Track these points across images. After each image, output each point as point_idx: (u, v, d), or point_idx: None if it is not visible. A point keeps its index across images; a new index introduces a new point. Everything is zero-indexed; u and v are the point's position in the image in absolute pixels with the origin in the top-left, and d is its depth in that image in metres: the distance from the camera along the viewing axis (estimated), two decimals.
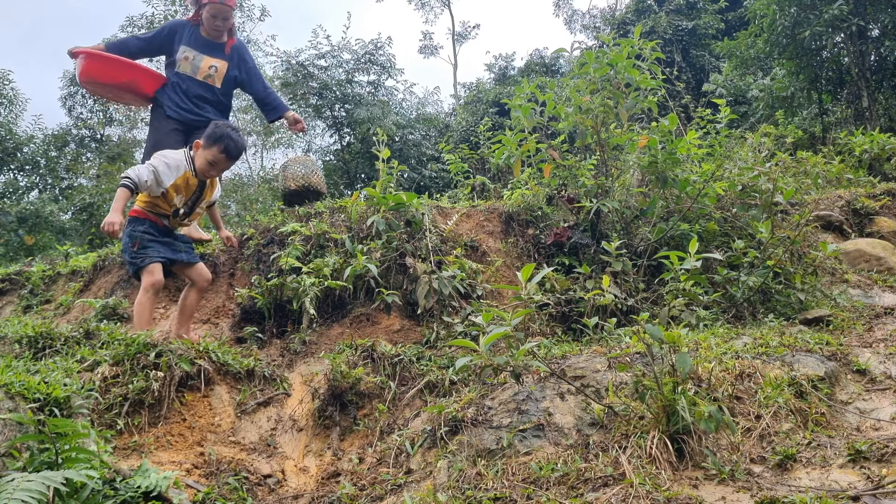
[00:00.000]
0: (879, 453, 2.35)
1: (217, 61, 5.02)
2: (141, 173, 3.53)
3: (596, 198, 4.95)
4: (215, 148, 3.60)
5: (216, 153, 3.63)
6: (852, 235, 6.12)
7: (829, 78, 12.89)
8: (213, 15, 4.85)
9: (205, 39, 4.98)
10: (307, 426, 3.32)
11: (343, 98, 16.28)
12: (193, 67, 4.95)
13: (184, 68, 4.94)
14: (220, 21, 4.90)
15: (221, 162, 3.68)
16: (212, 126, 3.72)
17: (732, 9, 18.05)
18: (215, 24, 4.90)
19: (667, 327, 2.93)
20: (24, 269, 6.07)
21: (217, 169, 3.73)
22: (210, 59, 4.99)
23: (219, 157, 3.64)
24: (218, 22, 4.89)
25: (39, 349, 3.46)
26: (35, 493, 1.67)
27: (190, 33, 4.97)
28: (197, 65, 4.96)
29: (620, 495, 2.14)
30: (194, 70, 4.96)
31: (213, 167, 3.69)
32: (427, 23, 51.64)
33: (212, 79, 5.00)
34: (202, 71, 4.97)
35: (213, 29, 4.93)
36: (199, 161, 3.67)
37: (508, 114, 6.36)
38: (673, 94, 12.53)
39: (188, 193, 3.73)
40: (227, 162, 3.69)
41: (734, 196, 5.19)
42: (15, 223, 15.55)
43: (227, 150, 3.62)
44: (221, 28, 4.96)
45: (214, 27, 4.91)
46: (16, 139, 19.39)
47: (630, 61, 4.83)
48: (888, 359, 3.35)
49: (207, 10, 4.85)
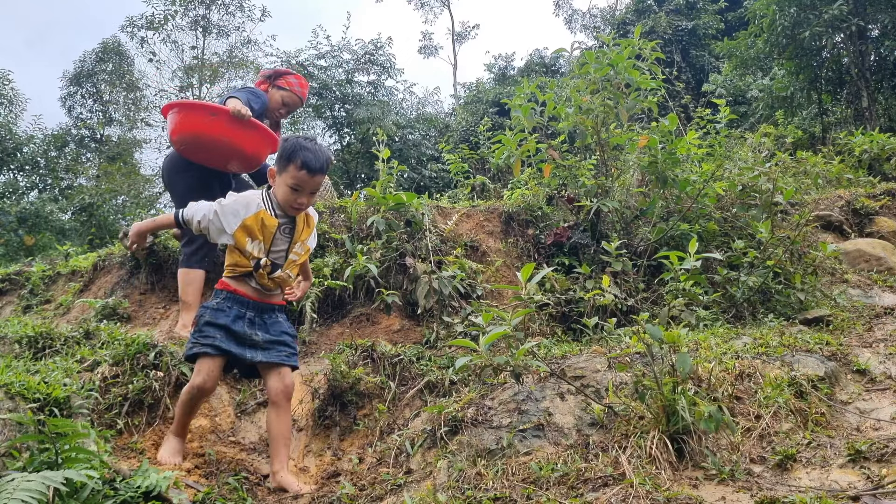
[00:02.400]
0: (879, 453, 2.35)
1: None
2: (197, 210, 2.76)
3: (596, 198, 4.95)
4: (292, 167, 2.68)
5: (295, 173, 2.68)
6: (852, 235, 6.12)
7: (829, 78, 12.90)
8: (285, 103, 4.46)
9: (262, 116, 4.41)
10: (307, 426, 3.32)
11: (343, 98, 16.29)
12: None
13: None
14: (285, 112, 4.53)
15: (305, 182, 2.70)
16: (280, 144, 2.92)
17: (732, 9, 18.06)
18: (280, 111, 4.49)
19: (667, 327, 2.93)
20: (24, 269, 6.07)
21: (304, 195, 2.73)
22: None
23: (300, 177, 2.68)
24: (283, 111, 4.50)
25: (39, 349, 3.46)
26: (35, 493, 1.67)
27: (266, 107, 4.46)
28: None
29: (620, 495, 2.14)
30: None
31: (299, 193, 2.72)
32: (427, 23, 51.71)
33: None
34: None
35: (274, 112, 4.48)
36: (279, 192, 2.75)
37: (508, 114, 6.37)
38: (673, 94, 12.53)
39: (267, 238, 2.74)
40: (311, 180, 2.71)
41: (734, 196, 5.19)
42: (15, 223, 15.55)
43: (307, 163, 2.68)
44: (280, 119, 4.57)
45: (278, 113, 4.50)
46: (16, 139, 19.41)
47: (630, 61, 4.83)
48: (888, 359, 3.35)
49: (282, 96, 4.45)
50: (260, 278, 2.74)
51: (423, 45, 34.04)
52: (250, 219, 2.71)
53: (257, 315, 2.78)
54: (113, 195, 17.13)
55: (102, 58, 24.61)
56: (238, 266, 2.75)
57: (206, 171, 4.19)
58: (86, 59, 24.65)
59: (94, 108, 24.68)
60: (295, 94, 4.47)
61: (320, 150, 2.73)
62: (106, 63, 24.68)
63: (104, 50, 24.59)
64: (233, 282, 2.77)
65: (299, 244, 2.83)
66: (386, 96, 17.66)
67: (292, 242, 2.81)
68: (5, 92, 20.69)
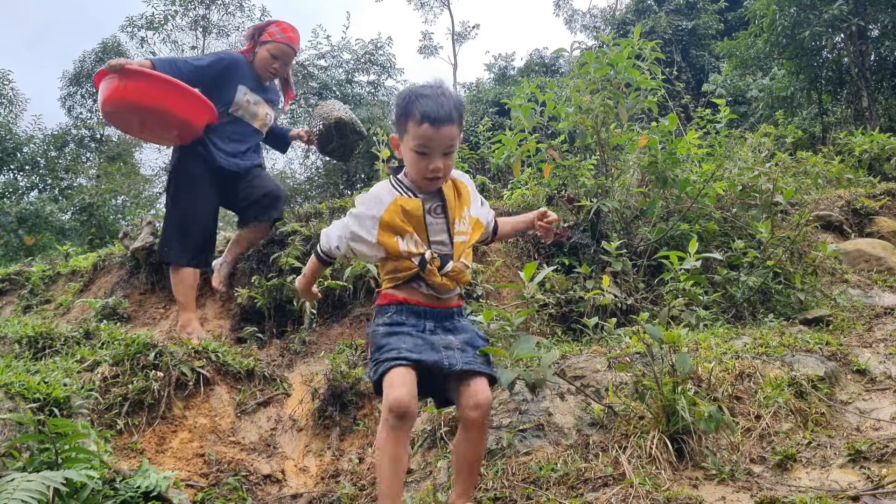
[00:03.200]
0: (879, 453, 2.35)
1: (271, 109, 4.31)
2: (330, 235, 2.24)
3: (596, 198, 4.95)
4: (410, 124, 2.03)
5: (415, 130, 2.02)
6: (852, 235, 6.12)
7: (829, 78, 12.90)
8: (273, 55, 4.10)
9: (258, 79, 4.20)
10: (307, 426, 3.32)
11: (343, 98, 16.30)
12: (252, 113, 4.17)
13: (242, 112, 4.12)
14: (280, 65, 4.16)
15: (431, 139, 2.02)
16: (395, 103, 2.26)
17: (732, 9, 18.06)
18: (272, 67, 4.14)
19: (667, 327, 2.93)
20: (24, 269, 6.07)
21: (435, 157, 2.04)
22: (266, 105, 4.25)
23: (423, 133, 2.01)
24: (276, 65, 4.14)
25: (39, 349, 3.46)
26: (35, 493, 1.67)
27: (248, 72, 4.16)
28: (255, 111, 4.17)
29: (620, 495, 2.14)
30: (253, 117, 4.18)
31: (429, 156, 2.04)
32: (427, 23, 51.71)
33: (266, 127, 4.31)
34: (259, 118, 4.21)
35: (267, 70, 4.14)
36: (407, 164, 2.13)
37: (508, 114, 6.37)
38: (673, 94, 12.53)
39: (419, 227, 2.10)
40: (437, 134, 2.01)
41: (734, 196, 5.19)
42: (15, 223, 15.55)
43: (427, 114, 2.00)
44: (279, 73, 4.21)
45: (271, 69, 4.14)
46: (16, 139, 19.41)
47: (630, 61, 4.83)
48: (888, 359, 3.35)
49: (268, 49, 4.09)
50: (431, 277, 2.05)
51: (423, 45, 34.03)
52: (388, 212, 2.07)
53: (438, 325, 2.11)
54: (113, 195, 17.13)
55: (102, 58, 24.57)
56: (400, 271, 2.08)
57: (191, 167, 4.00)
58: (86, 59, 24.65)
59: (94, 108, 24.65)
60: (281, 43, 4.11)
61: (443, 95, 2.04)
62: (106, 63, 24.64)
63: (104, 50, 24.58)
64: (397, 291, 2.10)
65: (459, 221, 2.12)
66: (386, 96, 17.68)
67: (450, 223, 2.11)
68: (5, 92, 20.69)
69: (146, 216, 5.64)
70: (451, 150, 2.05)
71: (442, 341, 2.05)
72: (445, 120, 1.99)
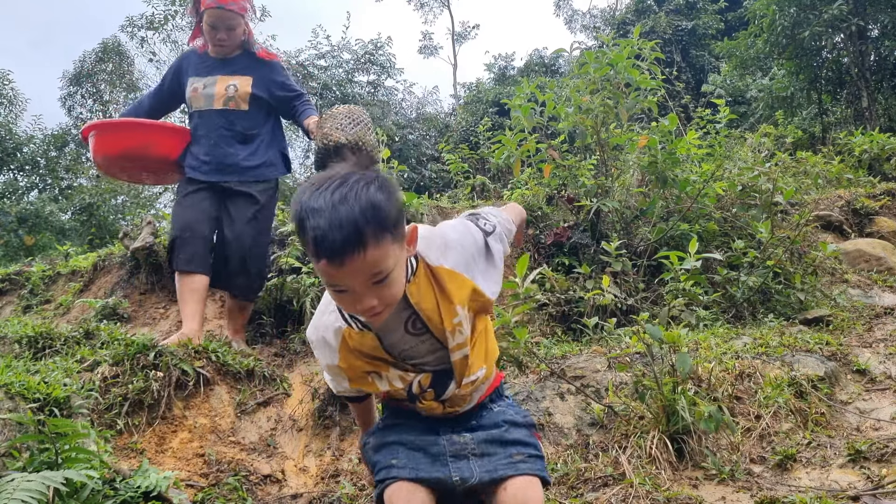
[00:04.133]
0: (879, 453, 2.35)
1: (235, 78, 3.58)
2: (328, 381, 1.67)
3: (596, 198, 4.95)
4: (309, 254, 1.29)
5: (317, 265, 1.27)
6: (852, 235, 6.12)
7: (829, 78, 12.90)
8: (212, 25, 3.50)
9: (213, 60, 3.65)
10: (307, 426, 3.32)
11: (343, 98, 16.30)
12: (207, 97, 3.56)
13: (198, 104, 3.59)
14: (224, 32, 3.53)
15: (337, 277, 1.24)
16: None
17: (732, 9, 18.05)
18: (218, 38, 3.54)
19: (667, 327, 2.93)
20: (24, 269, 6.07)
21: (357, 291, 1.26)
22: (226, 77, 3.58)
23: (327, 272, 1.24)
24: (221, 34, 3.53)
25: (39, 349, 3.46)
26: (35, 493, 1.67)
27: (197, 61, 3.70)
28: (211, 92, 3.56)
29: (620, 495, 2.14)
30: (209, 99, 3.56)
31: (350, 293, 1.27)
32: (426, 23, 51.61)
33: (234, 101, 3.54)
34: (219, 95, 3.55)
35: (217, 44, 3.57)
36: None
37: (508, 114, 6.37)
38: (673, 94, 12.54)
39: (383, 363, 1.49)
40: (341, 271, 1.21)
41: (734, 196, 5.20)
42: (15, 223, 15.55)
43: (320, 247, 1.21)
44: (227, 42, 3.56)
45: (218, 41, 3.55)
46: (16, 139, 19.41)
47: (630, 61, 4.83)
48: (888, 359, 3.35)
49: (206, 21, 3.55)
50: (430, 411, 1.54)
51: (423, 45, 34.03)
52: (343, 360, 1.47)
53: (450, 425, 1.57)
54: (113, 195, 17.14)
55: (102, 58, 24.60)
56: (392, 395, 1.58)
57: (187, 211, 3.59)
58: (86, 59, 24.65)
59: (94, 108, 24.65)
60: (211, 8, 3.50)
61: (343, 203, 1.18)
62: (106, 63, 24.66)
63: (104, 50, 24.58)
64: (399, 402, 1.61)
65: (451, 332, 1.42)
66: (386, 96, 17.68)
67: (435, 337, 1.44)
68: (5, 92, 20.69)
69: (146, 216, 5.64)
70: (379, 277, 1.23)
71: (451, 446, 1.49)
72: (349, 251, 1.17)
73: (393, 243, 1.23)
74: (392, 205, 1.23)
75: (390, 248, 1.23)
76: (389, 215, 1.21)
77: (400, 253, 1.27)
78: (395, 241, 1.24)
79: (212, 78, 3.58)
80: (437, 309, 1.40)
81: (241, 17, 3.55)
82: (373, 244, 1.19)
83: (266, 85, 3.62)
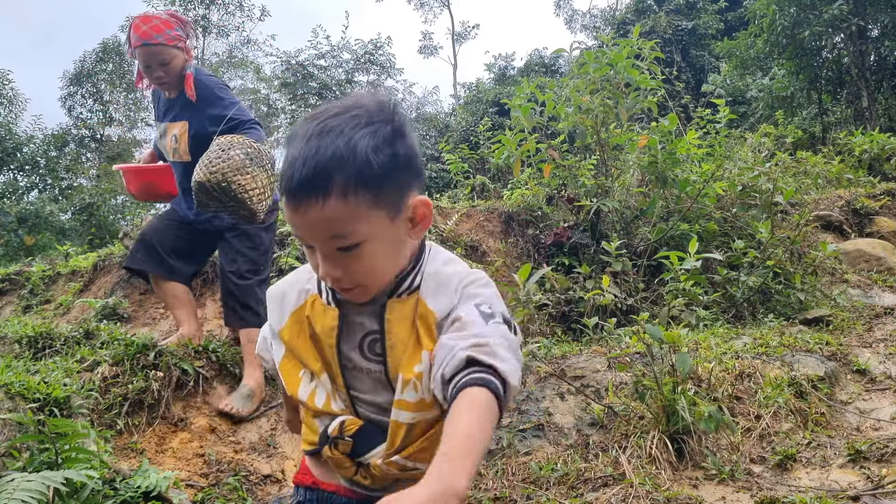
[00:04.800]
0: (879, 453, 2.35)
1: (176, 126, 3.26)
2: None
3: (596, 198, 4.95)
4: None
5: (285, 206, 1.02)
6: (852, 235, 6.12)
7: (829, 78, 12.91)
8: (145, 65, 3.14)
9: (166, 101, 3.33)
10: None
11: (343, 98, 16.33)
12: (164, 148, 3.34)
13: (163, 152, 3.40)
14: (160, 69, 3.12)
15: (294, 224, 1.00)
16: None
17: (732, 9, 18.06)
18: (156, 77, 3.15)
19: (667, 327, 2.93)
20: (24, 269, 6.07)
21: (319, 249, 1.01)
22: (171, 124, 3.29)
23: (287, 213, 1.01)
24: (157, 72, 3.13)
25: (39, 349, 3.46)
26: (35, 493, 1.67)
27: (158, 101, 3.42)
28: (164, 143, 3.32)
29: (620, 495, 2.14)
30: (165, 151, 3.34)
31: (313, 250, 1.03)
32: (426, 23, 51.65)
33: (178, 153, 3.26)
34: (169, 147, 3.29)
35: (157, 83, 3.20)
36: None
37: (508, 114, 6.38)
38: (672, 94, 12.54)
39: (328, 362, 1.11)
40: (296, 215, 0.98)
41: (734, 196, 5.20)
42: (15, 223, 15.56)
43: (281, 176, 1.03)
44: (166, 78, 3.15)
45: (157, 80, 3.16)
46: (16, 139, 19.42)
47: (630, 61, 4.83)
48: (888, 359, 3.35)
49: (139, 62, 3.17)
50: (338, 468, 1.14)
51: (422, 45, 34.05)
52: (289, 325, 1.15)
53: None
54: (113, 195, 17.15)
55: (102, 58, 24.62)
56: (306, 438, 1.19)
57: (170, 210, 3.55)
58: (86, 58, 24.67)
59: (94, 108, 24.68)
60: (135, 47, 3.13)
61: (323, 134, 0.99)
62: (106, 63, 24.68)
63: (104, 50, 24.59)
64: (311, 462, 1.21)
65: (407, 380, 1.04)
66: None
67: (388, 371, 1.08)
68: (5, 92, 20.70)
69: (146, 216, 5.64)
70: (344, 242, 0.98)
71: None
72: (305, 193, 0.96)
73: (374, 208, 0.98)
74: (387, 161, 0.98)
75: (367, 211, 0.97)
76: (376, 172, 0.96)
77: (386, 226, 1.00)
78: (377, 206, 0.98)
79: (162, 126, 3.36)
80: (407, 342, 1.05)
81: (173, 47, 3.15)
82: (338, 196, 0.95)
83: (203, 124, 3.20)
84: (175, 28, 3.17)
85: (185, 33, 3.27)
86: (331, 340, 1.09)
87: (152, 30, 3.11)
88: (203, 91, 3.20)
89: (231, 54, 25.70)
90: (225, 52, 25.70)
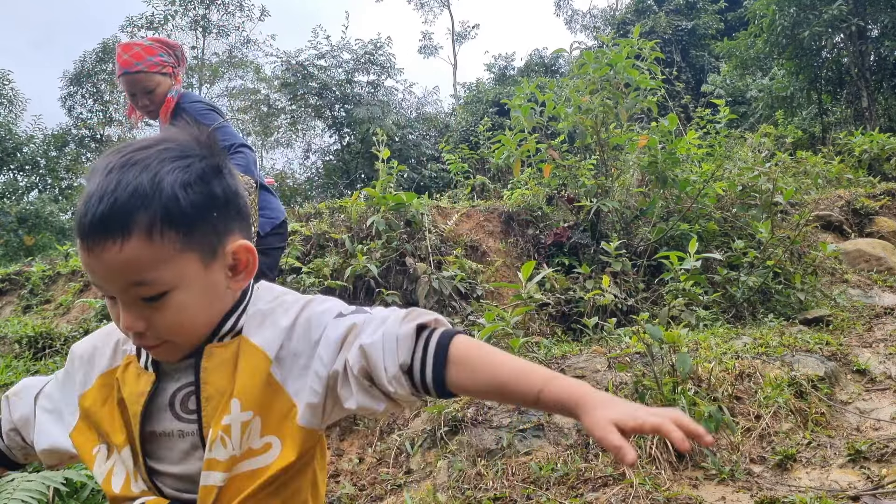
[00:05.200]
0: (879, 453, 2.35)
1: None
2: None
3: (596, 198, 4.95)
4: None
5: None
6: (852, 235, 6.12)
7: (829, 78, 12.92)
8: (130, 94, 3.12)
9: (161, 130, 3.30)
10: None
11: (343, 98, 16.31)
12: None
13: None
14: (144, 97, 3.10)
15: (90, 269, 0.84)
16: None
17: (732, 9, 18.06)
18: (142, 105, 3.14)
19: (667, 327, 2.93)
20: (24, 269, 6.08)
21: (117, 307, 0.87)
22: None
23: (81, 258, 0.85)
24: (142, 100, 3.11)
25: (39, 349, 3.46)
26: (35, 493, 1.67)
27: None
28: None
29: (620, 495, 2.14)
30: None
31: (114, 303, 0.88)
32: (426, 23, 51.63)
33: None
34: None
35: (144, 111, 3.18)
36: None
37: (508, 114, 6.38)
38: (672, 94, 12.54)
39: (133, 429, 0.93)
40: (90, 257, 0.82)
41: (734, 196, 5.20)
42: (15, 223, 15.56)
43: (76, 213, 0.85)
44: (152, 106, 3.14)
45: (143, 108, 3.15)
46: (16, 139, 19.43)
47: (630, 61, 4.83)
48: (888, 359, 3.35)
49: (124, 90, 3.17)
50: None
51: (422, 45, 34.03)
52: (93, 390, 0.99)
53: None
54: None
55: (102, 58, 24.62)
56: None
57: None
58: (86, 59, 24.67)
59: (94, 108, 24.68)
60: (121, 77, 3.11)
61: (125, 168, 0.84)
62: (106, 63, 24.67)
63: (104, 50, 24.59)
64: None
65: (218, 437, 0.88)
66: (386, 96, 17.68)
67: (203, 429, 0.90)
68: (5, 92, 20.71)
69: None
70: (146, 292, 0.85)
71: None
72: (100, 233, 0.82)
73: (183, 251, 0.85)
74: (200, 200, 0.86)
75: (175, 255, 0.84)
76: (185, 210, 0.84)
77: (198, 272, 0.87)
78: (187, 249, 0.85)
79: None
80: (225, 392, 0.90)
81: (156, 73, 3.09)
82: (140, 237, 0.81)
83: None
84: (158, 54, 3.12)
85: (172, 58, 3.19)
86: (136, 408, 0.92)
87: (133, 57, 3.06)
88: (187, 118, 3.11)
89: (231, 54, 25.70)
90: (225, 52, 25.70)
